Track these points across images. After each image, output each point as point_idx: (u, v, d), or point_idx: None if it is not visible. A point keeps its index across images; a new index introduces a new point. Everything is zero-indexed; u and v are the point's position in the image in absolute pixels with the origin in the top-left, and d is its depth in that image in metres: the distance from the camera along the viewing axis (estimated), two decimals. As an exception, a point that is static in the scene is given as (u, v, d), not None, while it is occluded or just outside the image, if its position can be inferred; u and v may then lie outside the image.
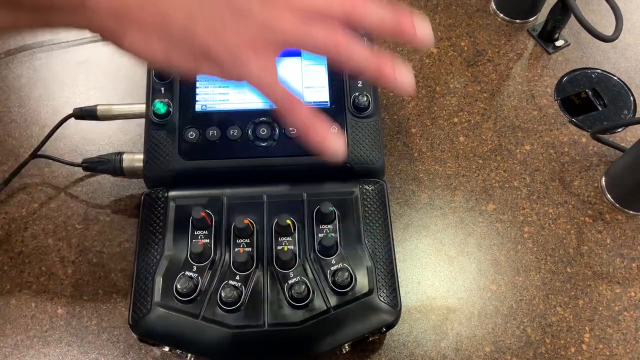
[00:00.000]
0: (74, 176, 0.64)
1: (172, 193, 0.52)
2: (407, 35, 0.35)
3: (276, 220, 0.50)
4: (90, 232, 0.60)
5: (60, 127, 0.63)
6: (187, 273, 0.48)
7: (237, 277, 0.48)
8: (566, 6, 0.67)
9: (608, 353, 0.55)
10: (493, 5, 0.77)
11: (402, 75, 0.35)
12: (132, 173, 0.60)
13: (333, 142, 0.36)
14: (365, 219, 0.51)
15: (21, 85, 0.70)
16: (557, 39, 0.74)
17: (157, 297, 0.47)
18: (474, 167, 0.65)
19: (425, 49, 0.38)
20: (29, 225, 0.61)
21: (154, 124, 0.54)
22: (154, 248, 0.50)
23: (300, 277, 0.48)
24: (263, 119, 0.54)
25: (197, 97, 0.55)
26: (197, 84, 0.56)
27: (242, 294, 0.47)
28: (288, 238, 0.50)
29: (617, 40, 0.66)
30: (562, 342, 0.55)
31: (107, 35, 0.36)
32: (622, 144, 0.66)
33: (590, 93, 0.71)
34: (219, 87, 0.56)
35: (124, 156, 0.59)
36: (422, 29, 0.35)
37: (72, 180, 0.63)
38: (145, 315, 0.47)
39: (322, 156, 0.36)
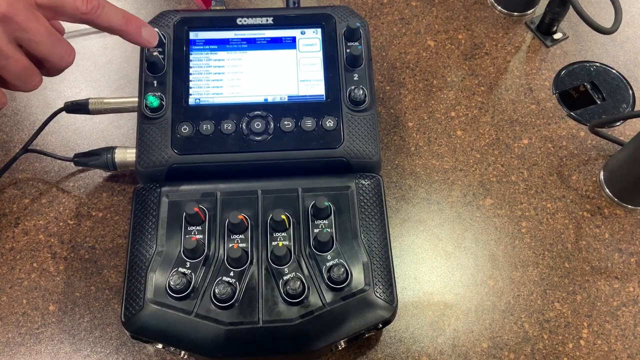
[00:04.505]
0: (66, 171, 0.63)
1: (165, 188, 0.51)
2: (133, 36, 0.46)
3: (271, 215, 0.49)
4: (82, 227, 0.59)
5: (52, 121, 0.62)
6: (180, 269, 0.47)
7: (232, 273, 0.48)
8: (565, -2, 0.67)
9: (606, 349, 0.55)
10: (491, -3, 0.76)
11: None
12: (124, 168, 0.59)
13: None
14: (362, 214, 0.50)
15: (12, 79, 0.69)
16: (555, 32, 0.73)
17: (149, 293, 0.47)
18: (471, 161, 0.64)
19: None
20: (20, 221, 0.60)
21: (147, 118, 0.53)
22: (146, 244, 0.49)
23: (295, 273, 0.47)
24: (257, 112, 0.54)
25: (191, 91, 0.54)
26: (191, 77, 0.55)
27: (236, 291, 0.47)
28: (283, 233, 0.49)
29: (616, 33, 0.65)
30: (560, 337, 0.55)
31: None
32: (621, 138, 0.65)
33: (588, 86, 0.70)
34: (213, 80, 0.55)
35: (116, 151, 0.59)
36: (146, 32, 0.47)
37: (63, 175, 0.63)
38: (138, 312, 0.46)
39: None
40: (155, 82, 0.54)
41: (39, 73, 0.45)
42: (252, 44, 0.56)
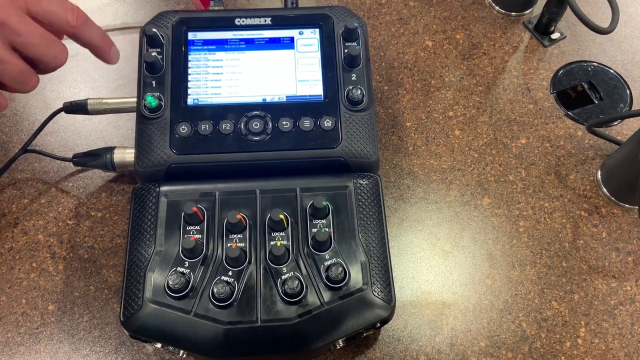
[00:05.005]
0: (65, 171, 0.63)
1: (163, 188, 0.52)
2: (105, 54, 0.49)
3: (269, 215, 0.49)
4: (81, 227, 0.60)
5: (51, 122, 0.62)
6: (179, 269, 0.47)
7: (230, 273, 0.48)
8: (562, -2, 0.67)
9: (604, 347, 0.55)
10: (489, -3, 0.76)
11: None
12: (123, 168, 0.60)
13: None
14: (360, 214, 0.51)
15: (11, 79, 0.69)
16: (553, 32, 0.73)
17: (148, 293, 0.47)
18: (469, 161, 0.65)
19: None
20: (19, 221, 0.60)
21: (146, 118, 0.53)
22: (145, 244, 0.49)
23: (293, 273, 0.48)
24: (256, 112, 0.54)
25: (189, 91, 0.54)
26: (189, 77, 0.55)
27: (234, 290, 0.47)
28: (281, 233, 0.49)
29: (613, 33, 0.65)
30: (558, 336, 0.55)
31: None
32: (618, 137, 0.65)
33: (586, 86, 0.70)
34: (212, 80, 0.55)
35: (115, 151, 0.59)
36: (114, 51, 0.50)
37: (62, 175, 0.63)
38: (137, 312, 0.46)
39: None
40: (153, 82, 0.54)
41: (35, 74, 0.45)
42: (250, 44, 0.57)
